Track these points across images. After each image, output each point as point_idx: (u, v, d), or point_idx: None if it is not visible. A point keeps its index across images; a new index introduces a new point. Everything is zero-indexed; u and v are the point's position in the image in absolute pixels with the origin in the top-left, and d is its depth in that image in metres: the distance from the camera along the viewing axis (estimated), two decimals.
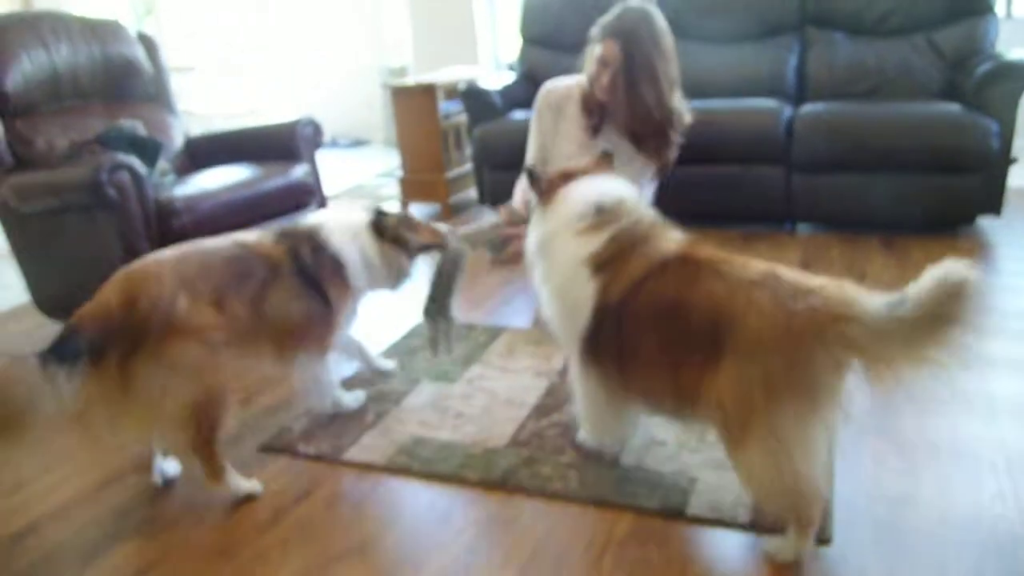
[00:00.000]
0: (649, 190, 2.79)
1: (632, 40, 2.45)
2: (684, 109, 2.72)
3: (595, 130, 2.64)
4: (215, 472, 1.91)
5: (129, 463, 2.14)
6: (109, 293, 1.82)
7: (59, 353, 1.70)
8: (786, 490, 1.48)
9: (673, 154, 2.74)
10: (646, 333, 1.67)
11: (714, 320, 1.53)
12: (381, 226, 2.21)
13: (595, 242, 1.75)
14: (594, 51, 2.57)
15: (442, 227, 2.33)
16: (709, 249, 1.70)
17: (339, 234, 2.15)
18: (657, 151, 2.67)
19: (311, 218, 2.22)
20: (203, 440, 1.87)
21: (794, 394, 1.43)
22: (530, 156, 2.87)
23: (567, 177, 1.91)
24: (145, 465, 2.09)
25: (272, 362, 2.08)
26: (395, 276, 2.28)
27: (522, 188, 2.78)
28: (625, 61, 2.47)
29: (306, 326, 2.08)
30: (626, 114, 2.56)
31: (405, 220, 2.28)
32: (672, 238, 1.75)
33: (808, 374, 1.43)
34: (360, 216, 2.23)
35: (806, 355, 1.42)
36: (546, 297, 1.88)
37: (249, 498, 1.95)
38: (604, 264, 1.73)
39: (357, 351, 2.49)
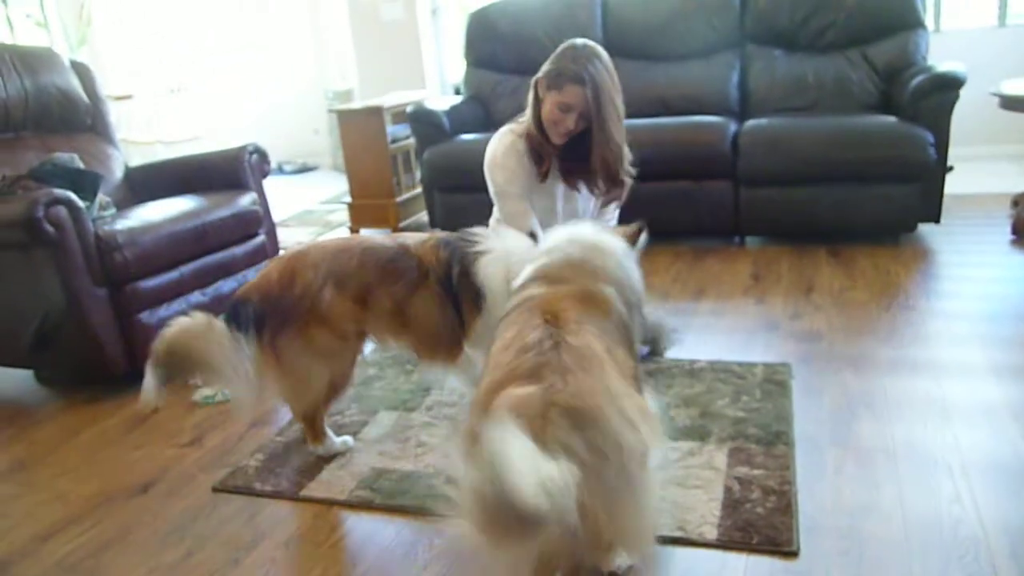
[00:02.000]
0: (611, 217, 2.77)
1: (597, 83, 2.45)
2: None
3: (545, 175, 2.61)
4: (317, 435, 2.19)
5: (69, 514, 2.06)
6: (273, 269, 2.10)
7: (236, 320, 2.01)
8: None
9: (626, 186, 2.73)
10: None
11: None
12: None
13: (526, 271, 1.75)
14: (546, 97, 2.52)
15: None
16: (556, 310, 1.51)
17: (493, 266, 2.14)
18: (610, 186, 2.65)
19: (486, 240, 2.20)
20: (315, 411, 2.16)
21: None
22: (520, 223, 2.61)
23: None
24: (85, 515, 2.01)
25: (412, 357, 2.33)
26: None
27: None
28: (595, 105, 2.44)
29: (440, 336, 2.19)
30: (594, 156, 2.53)
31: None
32: (559, 284, 1.65)
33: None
34: (526, 248, 2.15)
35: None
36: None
37: (340, 454, 2.20)
38: (517, 291, 1.71)
39: None
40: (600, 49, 2.51)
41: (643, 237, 2.00)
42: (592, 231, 1.83)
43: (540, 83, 2.49)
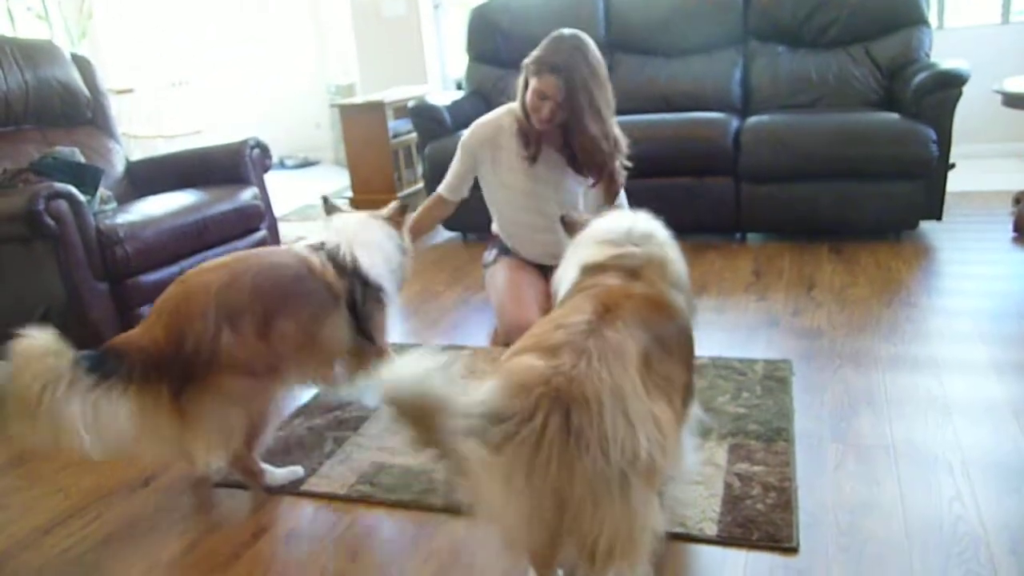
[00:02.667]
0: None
1: (573, 75, 2.47)
2: (620, 133, 2.72)
3: (533, 158, 2.67)
4: (255, 476, 2.03)
5: (70, 507, 2.06)
6: (156, 328, 1.85)
7: (95, 364, 1.72)
8: None
9: (621, 176, 2.76)
10: None
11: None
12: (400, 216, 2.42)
13: (602, 253, 1.75)
14: (529, 83, 2.56)
15: None
16: (617, 303, 1.54)
17: (375, 261, 2.22)
18: (599, 175, 2.69)
19: (346, 243, 2.20)
20: (240, 457, 1.98)
21: None
22: (444, 183, 2.85)
23: (598, 215, 1.95)
24: (86, 508, 2.01)
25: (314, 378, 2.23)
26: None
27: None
28: (568, 96, 2.48)
29: (355, 354, 2.21)
30: (575, 146, 2.59)
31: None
32: (636, 279, 1.67)
33: None
34: (374, 224, 2.32)
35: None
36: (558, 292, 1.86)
37: (293, 483, 2.06)
38: (589, 270, 1.73)
39: None
40: (586, 41, 2.52)
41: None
42: (659, 227, 1.84)
43: (527, 68, 2.55)
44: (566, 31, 2.55)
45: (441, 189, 2.86)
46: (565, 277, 1.82)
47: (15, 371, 1.66)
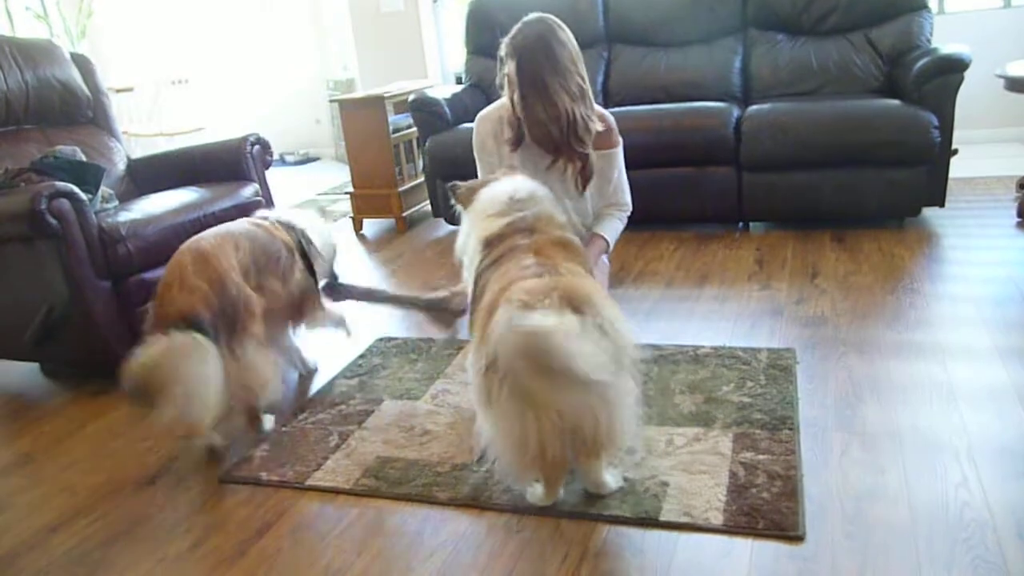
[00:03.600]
0: (585, 204, 2.77)
1: (524, 58, 2.47)
2: (592, 117, 2.59)
3: (516, 143, 2.65)
4: (257, 421, 2.32)
5: (76, 506, 2.07)
6: (196, 280, 2.13)
7: (204, 333, 2.06)
8: None
9: (575, 157, 2.69)
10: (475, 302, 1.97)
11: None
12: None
13: (497, 224, 2.02)
14: (505, 69, 2.58)
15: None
16: (543, 250, 1.89)
17: (315, 234, 2.62)
18: (556, 156, 2.64)
19: (292, 219, 2.61)
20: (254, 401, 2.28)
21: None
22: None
23: (484, 184, 2.23)
24: (92, 507, 2.02)
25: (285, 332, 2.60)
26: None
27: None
28: (517, 77, 2.49)
29: (309, 301, 2.57)
30: (528, 128, 2.59)
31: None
32: (535, 234, 1.97)
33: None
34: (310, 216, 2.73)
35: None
36: (466, 279, 2.14)
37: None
38: (491, 242, 1.99)
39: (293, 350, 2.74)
40: (550, 27, 2.50)
41: None
42: (534, 185, 2.16)
43: (499, 55, 2.60)
44: (530, 15, 2.55)
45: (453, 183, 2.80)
46: (468, 252, 2.12)
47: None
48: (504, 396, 1.60)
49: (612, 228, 2.79)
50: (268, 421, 2.36)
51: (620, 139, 2.75)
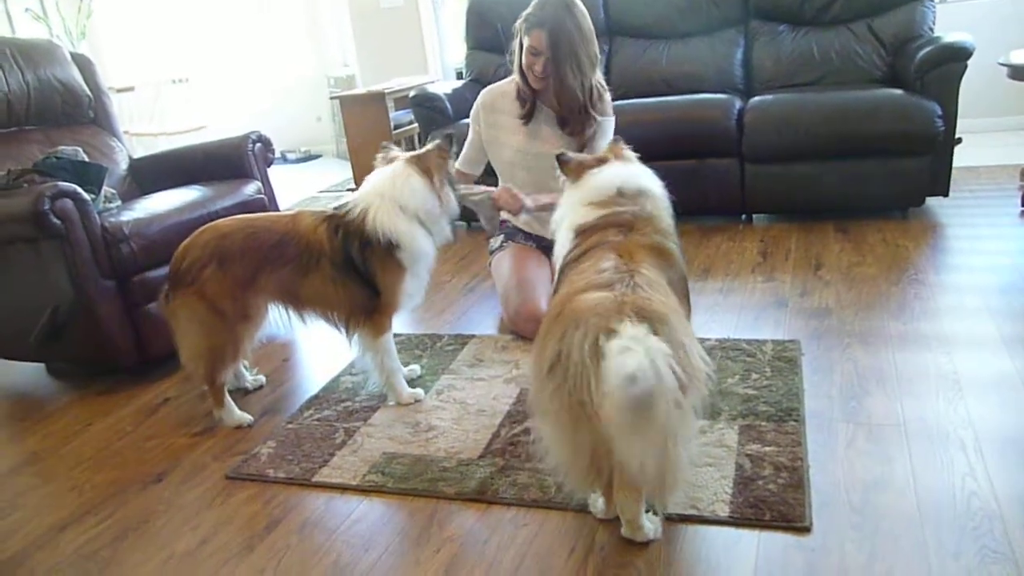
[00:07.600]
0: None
1: (556, 27, 2.60)
2: (603, 84, 2.83)
3: (528, 117, 2.83)
4: (218, 402, 2.41)
5: (84, 504, 2.07)
6: (181, 245, 2.35)
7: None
8: None
9: (595, 124, 2.83)
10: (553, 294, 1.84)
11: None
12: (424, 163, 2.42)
13: (592, 214, 1.89)
14: (523, 43, 2.68)
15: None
16: (631, 252, 1.71)
17: (383, 213, 2.28)
18: (582, 130, 2.80)
19: (353, 198, 2.38)
20: (208, 378, 2.37)
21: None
22: (460, 156, 2.98)
23: (600, 162, 2.07)
24: (100, 505, 2.02)
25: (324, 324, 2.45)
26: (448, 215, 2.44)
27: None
28: (552, 47, 2.61)
29: (350, 308, 2.35)
30: (555, 97, 2.73)
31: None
32: (631, 232, 1.81)
33: None
34: (399, 180, 2.35)
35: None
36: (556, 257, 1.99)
37: (240, 428, 2.40)
38: (583, 232, 1.86)
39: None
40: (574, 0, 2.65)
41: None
42: (650, 181, 2.01)
43: (519, 28, 2.69)
44: None
45: (459, 163, 2.93)
46: (559, 238, 1.98)
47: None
48: (563, 406, 1.47)
49: None
50: (237, 415, 2.43)
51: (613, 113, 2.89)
